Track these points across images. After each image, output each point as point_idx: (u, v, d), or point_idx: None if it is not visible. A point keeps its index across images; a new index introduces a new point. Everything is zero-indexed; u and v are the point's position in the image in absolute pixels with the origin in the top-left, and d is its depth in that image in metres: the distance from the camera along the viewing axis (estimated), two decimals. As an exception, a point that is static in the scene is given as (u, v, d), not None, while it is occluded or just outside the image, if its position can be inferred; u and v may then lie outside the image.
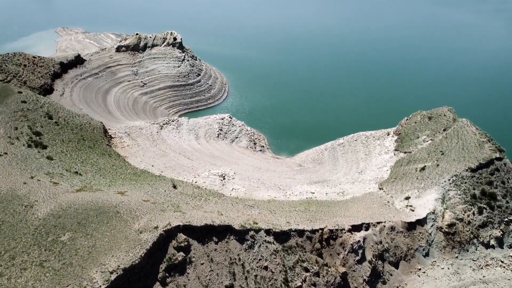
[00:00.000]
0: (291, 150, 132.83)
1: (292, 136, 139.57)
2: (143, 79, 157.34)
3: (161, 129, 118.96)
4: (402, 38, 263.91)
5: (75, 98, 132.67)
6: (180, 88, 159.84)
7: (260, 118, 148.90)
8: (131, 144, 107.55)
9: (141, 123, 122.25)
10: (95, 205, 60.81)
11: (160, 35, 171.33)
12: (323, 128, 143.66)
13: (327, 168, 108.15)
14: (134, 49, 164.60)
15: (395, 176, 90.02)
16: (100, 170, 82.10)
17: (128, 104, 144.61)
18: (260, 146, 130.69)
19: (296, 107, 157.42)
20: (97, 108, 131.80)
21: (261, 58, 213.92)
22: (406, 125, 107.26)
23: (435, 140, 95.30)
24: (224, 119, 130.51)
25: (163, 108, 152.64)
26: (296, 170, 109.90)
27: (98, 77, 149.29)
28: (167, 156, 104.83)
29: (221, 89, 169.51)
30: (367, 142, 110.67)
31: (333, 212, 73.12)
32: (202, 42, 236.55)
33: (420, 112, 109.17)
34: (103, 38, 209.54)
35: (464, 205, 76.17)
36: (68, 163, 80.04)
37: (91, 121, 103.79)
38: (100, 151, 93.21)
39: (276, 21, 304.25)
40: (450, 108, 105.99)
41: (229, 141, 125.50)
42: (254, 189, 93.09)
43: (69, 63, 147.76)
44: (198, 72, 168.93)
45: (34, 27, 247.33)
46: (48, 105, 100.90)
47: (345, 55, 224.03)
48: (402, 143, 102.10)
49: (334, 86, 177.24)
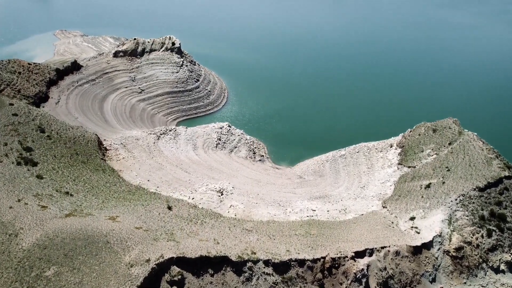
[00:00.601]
0: (292, 159, 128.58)
1: (293, 145, 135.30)
2: (140, 85, 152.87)
3: (158, 140, 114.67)
4: (404, 43, 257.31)
5: (70, 106, 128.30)
6: (179, 95, 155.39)
7: (259, 126, 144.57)
8: (127, 157, 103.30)
9: (137, 132, 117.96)
10: (84, 234, 56.68)
11: (158, 39, 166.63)
12: (324, 137, 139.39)
13: (328, 181, 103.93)
14: (131, 54, 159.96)
15: (399, 193, 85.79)
16: (93, 189, 77.88)
17: (125, 111, 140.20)
18: (259, 156, 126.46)
19: (297, 114, 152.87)
20: (93, 117, 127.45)
21: (261, 62, 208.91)
22: (409, 138, 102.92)
23: (440, 155, 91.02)
24: (223, 128, 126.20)
25: (161, 115, 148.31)
26: (297, 183, 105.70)
27: (95, 84, 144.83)
28: (164, 169, 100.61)
29: (220, 95, 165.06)
30: (370, 154, 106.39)
31: (335, 236, 68.95)
32: (202, 45, 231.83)
33: (424, 123, 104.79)
34: (101, 41, 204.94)
35: (472, 227, 71.99)
36: (59, 182, 75.82)
37: (85, 134, 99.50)
38: (94, 166, 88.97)
39: (277, 24, 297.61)
40: (455, 119, 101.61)
41: (228, 151, 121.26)
42: (253, 205, 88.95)
43: (66, 69, 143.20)
44: (197, 77, 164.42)
45: (32, 29, 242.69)
46: (40, 117, 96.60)
47: (347, 60, 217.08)
48: (405, 156, 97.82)
49: (336, 93, 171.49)
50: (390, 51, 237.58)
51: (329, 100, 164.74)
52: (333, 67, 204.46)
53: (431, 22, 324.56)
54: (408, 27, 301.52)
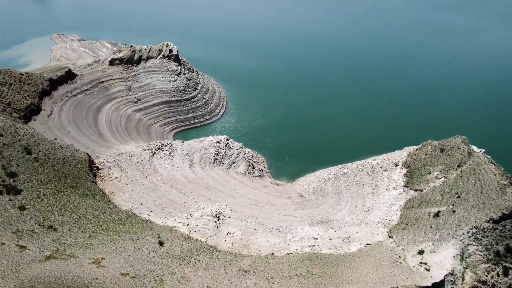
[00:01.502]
0: (292, 174, 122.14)
1: (293, 158, 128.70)
2: (137, 94, 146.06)
3: (153, 156, 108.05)
4: (407, 49, 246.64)
5: (63, 118, 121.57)
6: (176, 104, 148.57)
7: (259, 138, 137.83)
8: (119, 176, 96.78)
9: (132, 148, 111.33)
10: (63, 283, 50.35)
11: (155, 46, 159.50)
12: (326, 149, 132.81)
13: (330, 202, 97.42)
14: (128, 62, 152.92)
15: (406, 221, 79.31)
16: (80, 219, 71.43)
17: (121, 123, 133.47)
18: (259, 171, 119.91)
19: (297, 124, 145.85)
20: (87, 130, 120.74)
21: (261, 67, 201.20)
22: (416, 157, 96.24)
23: (449, 178, 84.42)
24: (221, 142, 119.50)
25: (157, 126, 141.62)
26: (297, 203, 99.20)
27: (89, 94, 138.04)
28: (158, 190, 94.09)
29: (219, 104, 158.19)
30: (374, 174, 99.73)
31: (339, 275, 62.60)
32: (201, 49, 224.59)
33: (431, 141, 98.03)
34: (98, 46, 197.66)
35: (486, 264, 65.59)
36: (43, 213, 69.34)
37: (75, 153, 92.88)
38: (83, 190, 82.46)
39: (279, 28, 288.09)
40: (464, 138, 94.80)
41: (226, 166, 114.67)
42: (251, 232, 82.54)
43: (59, 79, 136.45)
44: (195, 86, 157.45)
45: (30, 33, 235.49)
46: (28, 136, 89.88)
47: (351, 68, 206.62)
48: (412, 178, 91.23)
49: (339, 103, 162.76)
50: (393, 58, 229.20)
51: (331, 110, 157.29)
52: (336, 74, 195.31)
53: (436, 26, 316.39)
54: (412, 32, 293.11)
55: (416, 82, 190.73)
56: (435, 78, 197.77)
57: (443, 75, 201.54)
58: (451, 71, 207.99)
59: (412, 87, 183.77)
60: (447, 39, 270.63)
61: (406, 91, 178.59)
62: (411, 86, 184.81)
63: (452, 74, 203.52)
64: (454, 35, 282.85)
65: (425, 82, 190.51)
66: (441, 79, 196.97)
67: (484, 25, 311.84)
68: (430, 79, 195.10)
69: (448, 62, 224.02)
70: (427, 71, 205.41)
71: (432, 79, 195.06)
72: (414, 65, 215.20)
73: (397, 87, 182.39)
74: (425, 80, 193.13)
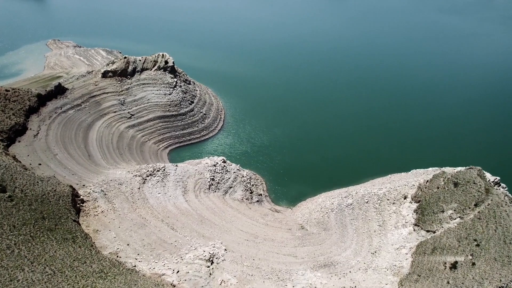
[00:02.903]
0: (292, 198, 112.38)
1: (293, 179, 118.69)
2: (130, 109, 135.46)
3: (144, 183, 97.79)
4: (410, 59, 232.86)
5: (51, 139, 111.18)
6: (171, 119, 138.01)
7: (257, 157, 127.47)
8: (106, 210, 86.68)
9: (122, 173, 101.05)
10: None
11: (150, 57, 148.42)
12: (328, 170, 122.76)
13: (334, 238, 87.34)
14: (121, 75, 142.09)
15: (418, 270, 69.38)
16: (55, 276, 61.35)
17: (112, 141, 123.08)
18: (257, 195, 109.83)
19: (299, 142, 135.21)
20: (75, 151, 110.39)
21: (261, 77, 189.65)
22: (426, 190, 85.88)
23: (465, 220, 74.26)
24: (217, 165, 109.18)
25: (151, 143, 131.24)
26: (298, 238, 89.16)
27: (80, 109, 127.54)
28: (147, 227, 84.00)
29: (216, 118, 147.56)
30: (381, 207, 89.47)
31: None
32: (199, 56, 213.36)
33: (442, 173, 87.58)
34: (93, 54, 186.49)
35: (513, 334, 55.72)
36: (10, 271, 59.20)
37: (57, 187, 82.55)
38: (63, 233, 72.31)
39: (280, 36, 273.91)
40: (479, 169, 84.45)
41: (222, 192, 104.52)
42: (247, 279, 72.64)
43: (48, 94, 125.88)
44: (191, 99, 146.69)
45: (25, 38, 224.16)
46: (3, 170, 79.48)
47: (352, 84, 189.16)
48: (423, 216, 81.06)
49: (340, 122, 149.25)
50: (396, 70, 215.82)
51: (333, 128, 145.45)
52: (339, 91, 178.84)
53: (439, 30, 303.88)
54: (416, 40, 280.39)
55: (419, 96, 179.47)
56: (439, 90, 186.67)
57: (447, 86, 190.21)
58: (456, 81, 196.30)
59: (416, 102, 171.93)
60: (451, 45, 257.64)
61: (410, 107, 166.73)
62: (415, 101, 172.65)
63: (457, 84, 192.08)
64: (458, 40, 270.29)
65: (429, 96, 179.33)
66: (445, 91, 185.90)
67: (488, 29, 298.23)
68: (434, 92, 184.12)
69: (454, 71, 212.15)
70: (430, 84, 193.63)
71: (436, 91, 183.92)
72: (418, 77, 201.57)
73: (401, 102, 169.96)
74: (429, 93, 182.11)
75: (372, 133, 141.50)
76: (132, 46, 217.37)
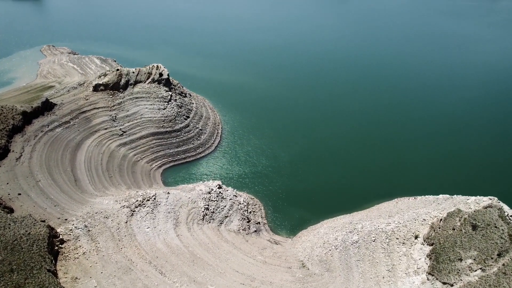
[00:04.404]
0: (292, 226, 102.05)
1: (293, 203, 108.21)
2: (122, 125, 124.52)
3: (132, 216, 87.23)
4: (414, 68, 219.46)
5: (34, 162, 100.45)
6: (166, 136, 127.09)
7: (256, 178, 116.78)
8: (88, 251, 76.19)
9: (109, 203, 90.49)
10: None
11: (144, 69, 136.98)
12: (330, 194, 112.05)
13: (338, 282, 77.02)
14: (114, 88, 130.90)
15: (436, 336, 59.12)
16: None
17: (102, 162, 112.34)
18: (255, 224, 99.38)
19: (299, 164, 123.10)
20: (61, 176, 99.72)
21: (263, 88, 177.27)
22: (441, 232, 75.21)
23: (488, 274, 63.78)
24: (212, 192, 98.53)
25: (144, 162, 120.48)
26: (299, 280, 78.88)
27: (69, 127, 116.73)
28: (133, 271, 73.59)
29: (213, 133, 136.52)
30: (389, 247, 79.01)
31: None
32: (198, 64, 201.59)
33: (458, 212, 76.86)
34: (87, 62, 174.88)
35: None
36: None
37: (31, 229, 71.89)
38: None
39: (283, 42, 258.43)
40: (500, 208, 73.77)
41: (217, 223, 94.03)
42: None
43: (35, 110, 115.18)
44: (187, 113, 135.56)
45: (19, 44, 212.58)
46: (-29, 212, 69.10)
47: (355, 99, 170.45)
48: (437, 263, 70.55)
49: (342, 142, 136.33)
50: (401, 83, 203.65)
51: (334, 148, 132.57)
52: (341, 110, 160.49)
53: (442, 36, 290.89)
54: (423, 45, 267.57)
55: (424, 110, 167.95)
56: (445, 106, 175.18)
57: (455, 100, 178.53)
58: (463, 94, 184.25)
59: (421, 118, 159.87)
60: (463, 52, 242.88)
61: (412, 123, 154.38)
62: (421, 117, 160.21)
63: (464, 97, 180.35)
64: (469, 46, 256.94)
65: (435, 111, 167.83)
66: (452, 105, 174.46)
67: (493, 34, 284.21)
68: (437, 103, 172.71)
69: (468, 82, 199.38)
70: (437, 100, 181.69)
71: (442, 107, 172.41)
72: (424, 91, 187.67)
73: (406, 120, 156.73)
74: (432, 105, 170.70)
75: (374, 152, 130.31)
76: (128, 53, 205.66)
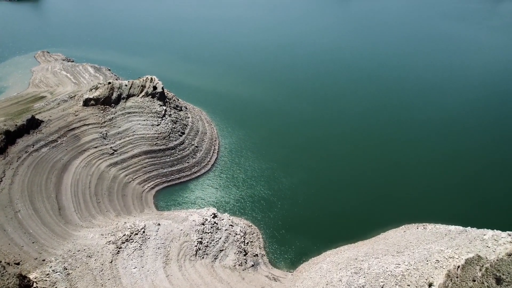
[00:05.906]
0: (292, 259, 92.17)
1: (293, 231, 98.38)
2: (113, 143, 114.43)
3: (118, 254, 77.55)
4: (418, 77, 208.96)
5: (15, 188, 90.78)
6: (159, 154, 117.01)
7: (254, 202, 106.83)
8: (65, 300, 66.73)
9: (94, 237, 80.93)
10: None
11: (137, 81, 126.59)
12: (332, 219, 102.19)
13: (342, 335, 67.47)
14: (105, 102, 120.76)
15: None
16: None
17: (90, 185, 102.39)
18: (252, 257, 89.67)
19: (302, 189, 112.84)
20: (43, 205, 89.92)
21: (264, 100, 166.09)
22: (459, 282, 65.46)
23: None
24: (206, 223, 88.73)
25: (136, 184, 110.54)
26: (299, 330, 69.35)
27: (56, 146, 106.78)
28: (115, 326, 64.19)
29: (210, 150, 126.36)
30: (399, 296, 69.38)
31: None
32: (195, 72, 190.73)
33: (478, 259, 66.99)
34: (80, 71, 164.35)
35: None
36: None
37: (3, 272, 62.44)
38: None
39: (287, 50, 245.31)
40: (523, 256, 63.83)
41: (211, 259, 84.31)
42: None
43: (19, 129, 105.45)
44: (182, 129, 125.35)
45: (13, 49, 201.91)
46: None
47: (359, 118, 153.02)
48: (457, 322, 60.91)
49: (344, 165, 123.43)
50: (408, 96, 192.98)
51: (335, 171, 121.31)
52: (351, 126, 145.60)
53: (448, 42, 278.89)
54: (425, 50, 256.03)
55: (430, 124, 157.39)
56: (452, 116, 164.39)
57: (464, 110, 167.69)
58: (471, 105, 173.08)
59: (425, 133, 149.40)
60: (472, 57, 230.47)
61: (418, 141, 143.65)
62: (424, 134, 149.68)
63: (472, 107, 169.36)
64: (465, 49, 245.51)
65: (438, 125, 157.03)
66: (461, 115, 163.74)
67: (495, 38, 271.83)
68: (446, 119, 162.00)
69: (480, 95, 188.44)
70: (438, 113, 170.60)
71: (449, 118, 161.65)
72: (430, 103, 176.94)
73: (411, 138, 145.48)
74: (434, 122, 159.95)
75: (379, 174, 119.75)
76: (124, 59, 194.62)
